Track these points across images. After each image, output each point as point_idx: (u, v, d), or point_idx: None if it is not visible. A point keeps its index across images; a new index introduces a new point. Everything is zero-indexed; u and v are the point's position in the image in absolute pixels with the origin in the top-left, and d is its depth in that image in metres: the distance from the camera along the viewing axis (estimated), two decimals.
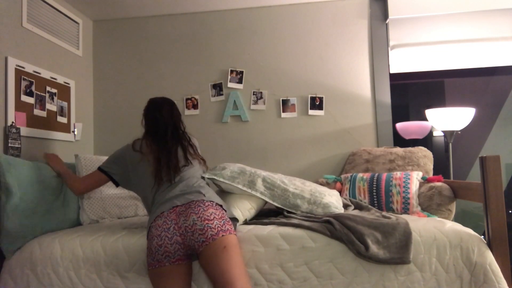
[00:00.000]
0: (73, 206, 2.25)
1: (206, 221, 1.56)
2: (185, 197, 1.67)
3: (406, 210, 2.24)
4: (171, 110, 1.99)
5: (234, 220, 1.80)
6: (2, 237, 1.88)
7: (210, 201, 1.66)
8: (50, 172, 2.15)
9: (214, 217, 1.59)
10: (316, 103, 3.00)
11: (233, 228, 1.65)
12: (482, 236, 1.75)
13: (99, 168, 1.95)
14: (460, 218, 3.03)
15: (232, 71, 3.08)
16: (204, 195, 1.68)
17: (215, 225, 1.56)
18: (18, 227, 1.88)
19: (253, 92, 3.06)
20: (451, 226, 1.77)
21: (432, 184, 2.25)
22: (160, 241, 1.57)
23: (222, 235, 1.55)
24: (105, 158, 2.54)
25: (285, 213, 2.02)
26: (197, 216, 1.57)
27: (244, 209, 1.94)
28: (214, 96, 3.10)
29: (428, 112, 2.83)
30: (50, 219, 2.05)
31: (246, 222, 1.95)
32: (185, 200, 1.65)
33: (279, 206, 2.03)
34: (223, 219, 1.61)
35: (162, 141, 1.88)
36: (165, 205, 1.66)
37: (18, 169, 1.95)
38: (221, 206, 1.70)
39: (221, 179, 1.99)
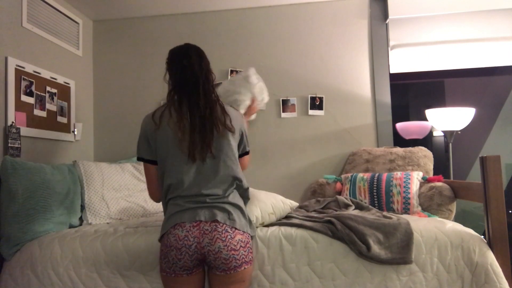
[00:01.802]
0: (77, 212, 2.25)
1: (232, 252, 1.47)
2: (212, 212, 1.50)
3: (406, 210, 2.24)
4: (200, 58, 1.63)
5: (251, 223, 1.67)
6: (2, 241, 1.88)
7: (236, 227, 1.51)
8: (55, 176, 2.15)
9: (241, 246, 1.50)
10: (316, 103, 3.00)
11: (253, 254, 1.59)
12: (482, 236, 1.76)
13: (138, 159, 1.67)
14: (460, 218, 3.03)
15: (232, 71, 3.08)
16: (229, 217, 1.51)
17: (240, 255, 1.49)
18: (19, 232, 1.88)
19: None
20: (452, 226, 1.78)
21: (432, 184, 2.26)
22: (179, 255, 1.47)
23: (244, 268, 1.50)
24: (102, 163, 2.55)
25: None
26: (224, 244, 1.46)
27: (265, 212, 1.88)
28: None
29: (428, 112, 2.83)
30: (52, 225, 2.04)
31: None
32: (211, 216, 1.49)
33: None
34: (248, 247, 1.53)
35: (191, 103, 1.55)
36: (187, 213, 1.49)
37: (23, 173, 1.95)
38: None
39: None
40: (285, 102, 3.03)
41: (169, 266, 1.49)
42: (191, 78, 1.58)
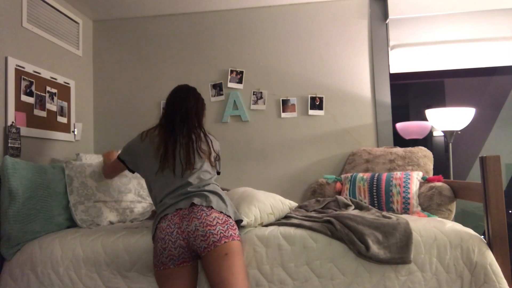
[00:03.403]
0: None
1: (208, 227, 1.54)
2: (190, 199, 1.64)
3: (406, 210, 2.24)
4: (186, 96, 1.91)
5: (239, 222, 1.75)
6: (2, 241, 1.88)
7: (213, 207, 1.62)
8: (56, 176, 2.14)
9: (217, 222, 1.57)
10: (316, 103, 3.00)
11: (237, 233, 1.62)
12: (482, 236, 1.76)
13: (117, 157, 1.97)
14: (460, 218, 3.03)
15: (232, 71, 3.08)
16: (205, 200, 1.64)
17: (218, 231, 1.54)
18: (19, 232, 1.88)
19: (253, 92, 3.06)
20: (452, 226, 1.78)
21: (432, 184, 2.26)
22: (164, 245, 1.56)
23: (225, 242, 1.54)
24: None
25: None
26: (199, 222, 1.55)
27: (264, 212, 1.89)
28: (214, 96, 3.10)
29: (428, 112, 2.83)
30: (52, 225, 2.04)
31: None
32: (189, 202, 1.63)
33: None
34: (226, 224, 1.59)
35: (169, 128, 1.81)
36: (170, 208, 1.64)
37: (23, 173, 1.95)
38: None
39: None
40: (285, 102, 3.03)
41: (157, 259, 1.58)
42: (171, 112, 1.86)
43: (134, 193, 2.40)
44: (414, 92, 3.95)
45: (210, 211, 1.59)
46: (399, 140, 3.12)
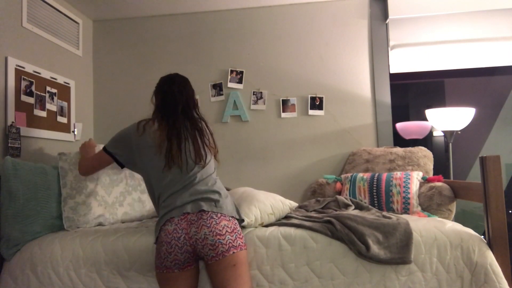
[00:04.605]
0: None
1: (218, 236, 1.51)
2: (198, 204, 1.59)
3: (406, 210, 2.24)
4: (183, 84, 1.81)
5: (240, 221, 1.73)
6: (2, 242, 1.88)
7: (222, 213, 1.59)
8: (56, 177, 2.13)
9: (226, 231, 1.54)
10: (316, 103, 3.00)
11: (244, 241, 1.61)
12: (482, 236, 1.76)
13: (104, 148, 1.82)
14: (460, 218, 3.03)
15: (232, 71, 3.08)
16: (215, 205, 1.60)
17: (227, 240, 1.52)
18: (19, 233, 1.88)
19: (253, 92, 3.06)
20: (452, 226, 1.78)
21: (432, 184, 2.26)
22: (170, 249, 1.53)
23: (233, 252, 1.52)
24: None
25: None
26: (209, 230, 1.52)
27: (264, 212, 1.89)
28: (214, 96, 3.10)
29: (428, 112, 2.83)
30: (52, 226, 2.04)
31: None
32: (197, 207, 1.57)
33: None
34: (235, 232, 1.57)
35: (170, 120, 1.72)
36: (176, 210, 1.58)
37: (24, 174, 1.94)
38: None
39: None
40: (285, 102, 3.03)
41: (160, 262, 1.55)
42: (172, 102, 1.76)
43: (125, 183, 2.31)
44: (414, 92, 3.96)
45: (220, 219, 1.56)
46: (399, 140, 3.12)
